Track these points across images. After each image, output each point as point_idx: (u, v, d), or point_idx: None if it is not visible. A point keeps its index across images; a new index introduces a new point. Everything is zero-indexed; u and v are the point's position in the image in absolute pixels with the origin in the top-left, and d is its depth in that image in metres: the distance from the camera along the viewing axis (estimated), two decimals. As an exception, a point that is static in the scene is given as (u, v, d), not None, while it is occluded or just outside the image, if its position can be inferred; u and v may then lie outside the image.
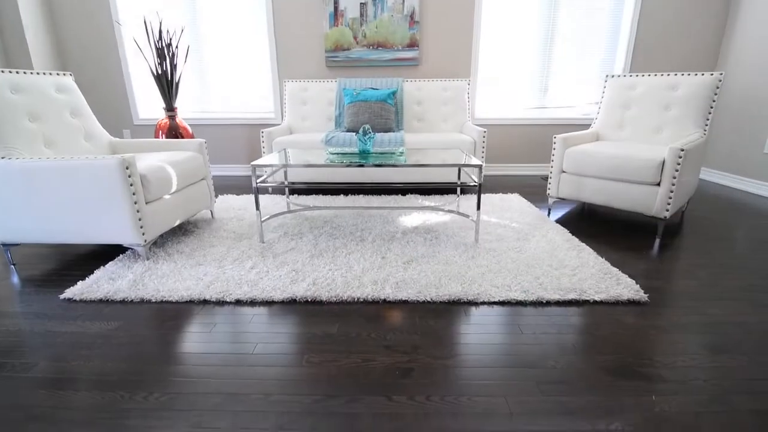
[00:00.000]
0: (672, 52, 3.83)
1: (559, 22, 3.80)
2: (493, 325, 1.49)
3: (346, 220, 2.59)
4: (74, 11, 3.78)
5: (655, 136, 2.78)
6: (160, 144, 2.53)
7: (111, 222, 1.90)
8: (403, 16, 3.68)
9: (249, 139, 4.13)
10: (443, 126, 3.67)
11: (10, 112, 1.97)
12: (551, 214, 2.82)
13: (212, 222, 2.60)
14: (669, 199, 2.27)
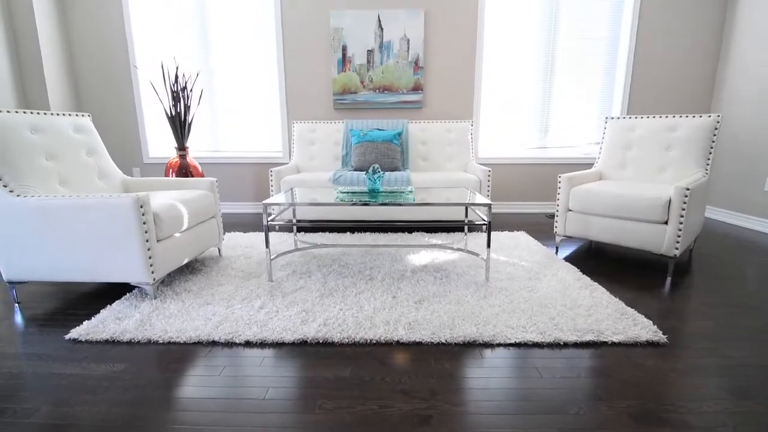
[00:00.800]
0: (667, 94, 3.97)
1: (557, 67, 3.98)
2: (511, 368, 1.45)
3: (354, 258, 2.58)
4: (93, 54, 3.96)
5: (658, 175, 2.83)
6: (171, 183, 2.57)
7: (121, 260, 1.90)
8: (408, 62, 3.85)
9: (256, 177, 4.20)
10: (448, 165, 3.74)
11: (28, 151, 2.02)
12: (559, 252, 2.82)
13: (220, 260, 2.59)
14: (678, 237, 2.28)
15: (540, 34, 3.92)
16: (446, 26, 3.85)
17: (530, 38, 3.93)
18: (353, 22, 3.77)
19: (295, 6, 3.83)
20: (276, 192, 3.29)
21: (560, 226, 2.77)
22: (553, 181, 4.18)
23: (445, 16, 3.84)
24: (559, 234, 2.78)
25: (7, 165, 1.91)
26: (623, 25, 3.89)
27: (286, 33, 3.88)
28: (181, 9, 3.90)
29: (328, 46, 3.87)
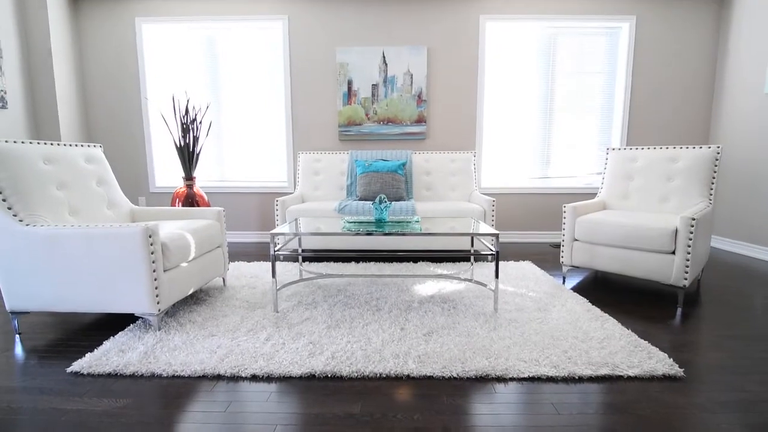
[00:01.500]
0: (665, 124, 4.06)
1: (556, 99, 4.09)
2: (526, 404, 1.40)
3: (360, 289, 2.56)
4: (105, 86, 4.08)
5: (662, 205, 2.84)
6: (179, 212, 2.58)
7: (127, 290, 1.88)
8: (412, 95, 3.96)
9: (261, 207, 4.22)
10: (451, 195, 3.78)
11: (40, 181, 2.04)
12: (566, 282, 2.79)
13: (224, 290, 2.56)
14: (686, 267, 2.27)
15: (539, 69, 4.05)
16: (448, 62, 3.99)
17: (529, 72, 4.06)
18: (359, 58, 3.91)
19: (304, 42, 3.98)
20: (281, 221, 3.30)
21: (567, 256, 2.76)
22: (556, 211, 4.20)
23: (447, 52, 3.98)
24: (566, 264, 2.77)
25: (18, 194, 1.93)
26: (619, 59, 4.04)
27: (294, 67, 4.01)
28: (192, 44, 4.05)
29: (335, 80, 4.00)
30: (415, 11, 3.93)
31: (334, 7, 3.93)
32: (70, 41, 3.94)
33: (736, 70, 3.76)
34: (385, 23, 3.94)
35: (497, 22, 3.95)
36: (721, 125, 3.93)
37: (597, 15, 3.91)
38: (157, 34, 4.05)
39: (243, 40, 4.04)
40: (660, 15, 3.93)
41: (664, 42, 3.96)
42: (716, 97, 3.99)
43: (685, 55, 3.98)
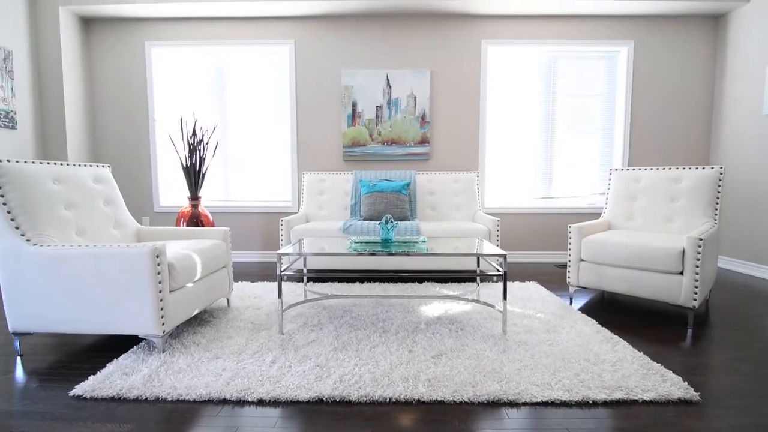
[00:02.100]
0: (666, 145, 4.11)
1: (557, 121, 4.15)
2: (541, 430, 1.37)
3: (366, 310, 2.53)
4: (114, 107, 4.14)
5: (667, 225, 2.84)
6: (185, 232, 2.58)
7: (132, 311, 1.86)
8: (415, 117, 4.03)
9: (264, 226, 4.22)
10: (455, 215, 3.78)
11: (49, 201, 2.05)
12: (573, 303, 2.77)
13: (228, 311, 2.54)
14: (695, 288, 2.25)
15: (539, 91, 4.13)
16: (451, 84, 4.07)
17: (530, 94, 4.14)
18: (363, 81, 3.99)
19: (309, 65, 4.07)
20: (286, 241, 3.29)
21: (573, 277, 2.74)
22: (560, 231, 4.20)
23: (450, 75, 4.06)
24: (573, 284, 2.75)
25: (26, 214, 1.94)
26: (618, 82, 4.11)
27: (300, 89, 4.09)
28: (200, 67, 4.14)
29: (339, 102, 4.07)
30: (418, 36, 4.04)
31: (340, 31, 4.04)
32: (81, 63, 4.03)
33: (734, 91, 3.83)
34: (389, 47, 4.04)
35: (498, 47, 4.05)
36: (721, 146, 3.98)
37: (595, 40, 4.01)
38: (165, 57, 4.15)
39: (250, 63, 4.13)
40: (657, 40, 4.03)
41: (662, 66, 4.05)
42: (715, 118, 4.05)
43: (684, 78, 4.06)
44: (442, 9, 3.87)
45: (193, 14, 3.95)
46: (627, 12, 3.92)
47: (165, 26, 4.07)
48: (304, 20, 4.04)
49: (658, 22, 4.02)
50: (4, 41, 3.48)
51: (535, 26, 4.02)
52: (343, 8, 3.84)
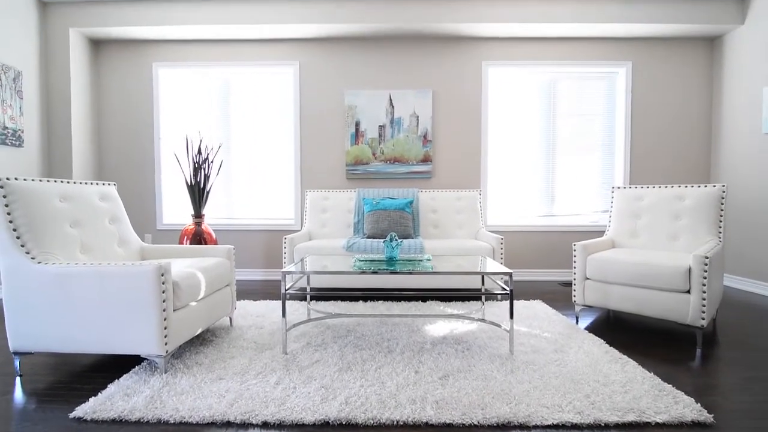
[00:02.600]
0: (667, 163, 4.14)
1: (558, 140, 4.19)
2: (553, 454, 1.33)
3: (370, 329, 2.50)
4: (120, 127, 4.19)
5: (671, 243, 2.84)
6: (189, 250, 2.58)
7: (135, 330, 1.84)
8: (418, 136, 4.07)
9: (266, 244, 4.21)
10: (458, 233, 3.78)
11: (55, 219, 2.05)
12: (579, 322, 2.74)
13: (231, 330, 2.51)
14: (703, 307, 2.23)
15: (540, 111, 4.19)
16: (453, 104, 4.13)
17: (531, 114, 4.20)
18: (366, 101, 4.05)
19: (313, 86, 4.14)
20: (289, 259, 3.28)
21: (579, 295, 2.72)
22: (563, 249, 4.19)
23: (452, 95, 4.13)
24: (579, 303, 2.73)
25: (32, 232, 1.94)
26: (617, 102, 4.18)
27: (304, 109, 4.15)
28: (206, 87, 4.21)
29: (343, 121, 4.12)
30: (420, 57, 4.12)
31: (344, 53, 4.12)
32: (89, 83, 4.10)
33: (732, 111, 3.89)
34: (392, 68, 4.12)
35: (499, 68, 4.13)
36: (721, 164, 4.01)
37: (594, 61, 4.09)
38: (172, 78, 4.22)
39: (255, 83, 4.21)
40: (655, 61, 4.11)
41: (660, 86, 4.12)
42: (715, 136, 4.09)
43: (682, 97, 4.12)
44: (444, 32, 3.96)
45: (199, 36, 4.05)
46: (624, 35, 4.01)
47: (172, 48, 4.16)
48: (308, 42, 4.13)
49: (654, 44, 4.11)
50: (15, 61, 3.55)
51: (534, 48, 4.11)
52: (347, 31, 3.93)
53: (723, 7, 3.75)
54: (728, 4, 3.75)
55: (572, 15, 3.77)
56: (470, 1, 3.78)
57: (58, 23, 3.84)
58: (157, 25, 3.82)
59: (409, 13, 3.78)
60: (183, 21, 3.81)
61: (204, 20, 3.81)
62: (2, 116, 3.40)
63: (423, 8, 3.78)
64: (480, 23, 3.79)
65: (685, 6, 3.75)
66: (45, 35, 3.85)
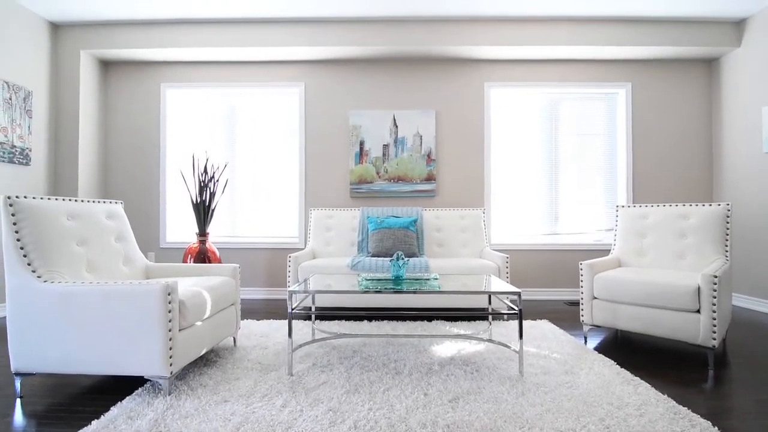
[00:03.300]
0: (669, 182, 4.16)
1: (560, 159, 4.23)
2: (571, 481, 1.29)
3: (376, 350, 2.46)
4: (126, 146, 4.23)
5: (678, 262, 2.83)
6: (193, 269, 2.56)
7: (140, 351, 1.81)
8: (421, 155, 4.11)
9: (270, 262, 4.19)
10: (462, 251, 3.77)
11: (62, 238, 2.05)
12: (588, 342, 2.70)
13: (235, 350, 2.47)
14: (714, 326, 2.20)
15: (542, 130, 4.24)
16: (456, 124, 4.19)
17: (533, 134, 4.25)
18: (370, 121, 4.11)
19: (318, 106, 4.20)
20: (294, 278, 3.26)
21: (587, 315, 2.69)
22: (568, 267, 4.17)
23: (455, 115, 4.19)
24: (587, 323, 2.69)
25: (39, 250, 1.93)
26: (618, 122, 4.23)
27: (309, 128, 4.20)
28: (213, 107, 4.28)
29: (347, 140, 4.16)
30: (423, 78, 4.20)
31: (349, 74, 4.20)
32: (97, 103, 4.16)
33: (732, 130, 3.93)
34: (396, 89, 4.19)
35: (500, 89, 4.20)
36: (724, 183, 4.03)
37: (594, 82, 4.17)
38: (179, 98, 4.29)
39: (261, 104, 4.27)
40: (654, 82, 4.19)
41: (660, 105, 4.18)
42: (716, 155, 4.13)
43: (682, 117, 4.18)
44: (447, 54, 4.05)
45: (207, 58, 4.13)
46: (624, 57, 4.10)
47: (180, 69, 4.24)
48: (314, 64, 4.21)
49: (653, 66, 4.19)
50: (26, 82, 3.61)
51: (536, 70, 4.19)
52: (352, 53, 4.02)
53: (719, 30, 3.84)
54: (724, 27, 3.85)
55: (572, 38, 3.86)
56: (472, 25, 3.88)
57: (70, 45, 3.93)
58: (166, 47, 3.90)
59: (413, 37, 3.88)
60: (191, 43, 3.90)
61: (211, 43, 3.90)
62: (11, 135, 3.44)
63: (426, 32, 3.88)
64: (482, 46, 3.87)
65: (683, 29, 3.85)
66: (56, 56, 3.93)
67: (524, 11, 3.74)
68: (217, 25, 3.91)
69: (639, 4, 3.60)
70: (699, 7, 3.61)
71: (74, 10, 3.67)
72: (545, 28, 3.87)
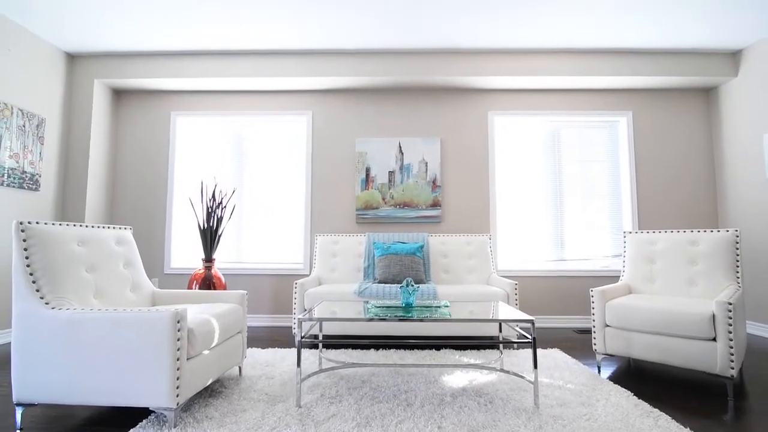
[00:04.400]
0: (674, 208, 4.17)
1: (565, 186, 4.26)
2: None
3: (386, 380, 2.40)
4: (135, 172, 4.28)
5: (689, 288, 2.80)
6: (200, 295, 2.53)
7: (146, 381, 1.76)
8: (427, 181, 4.14)
9: (274, 289, 4.15)
10: (469, 277, 3.74)
11: (72, 264, 2.04)
12: (602, 372, 2.63)
13: (240, 380, 2.41)
14: (731, 355, 2.15)
15: (546, 157, 4.29)
16: (460, 151, 4.24)
17: (537, 160, 4.30)
18: (376, 148, 4.17)
19: (325, 134, 4.28)
20: (299, 304, 3.22)
21: (599, 344, 2.64)
22: (576, 294, 4.12)
23: (459, 143, 4.25)
24: (600, 352, 2.64)
25: (48, 277, 1.92)
26: (620, 149, 4.29)
27: (315, 155, 4.26)
28: (221, 134, 4.35)
29: (353, 167, 4.21)
30: (428, 107, 4.29)
31: (355, 103, 4.30)
32: (108, 130, 4.23)
33: (733, 157, 3.98)
34: (402, 117, 4.28)
35: (504, 117, 4.28)
36: (728, 209, 4.04)
37: (596, 111, 4.26)
38: (189, 125, 4.37)
39: (269, 131, 4.35)
40: (654, 110, 4.27)
41: (660, 133, 4.25)
42: (719, 182, 4.16)
43: (683, 144, 4.24)
44: (451, 84, 4.15)
45: (216, 88, 4.24)
46: (624, 86, 4.20)
47: (190, 97, 4.34)
48: (321, 93, 4.32)
49: (653, 95, 4.29)
50: (40, 109, 3.69)
51: (538, 99, 4.29)
52: (359, 83, 4.13)
53: (716, 61, 3.96)
54: (721, 58, 3.96)
55: (573, 68, 3.97)
56: (476, 56, 3.99)
57: (84, 74, 4.04)
58: (176, 77, 4.01)
59: (418, 68, 3.99)
60: (200, 73, 4.01)
61: (220, 73, 4.01)
62: (23, 161, 3.49)
63: (431, 63, 3.99)
64: (485, 76, 3.98)
65: (681, 60, 3.96)
66: (70, 85, 4.04)
67: (525, 44, 3.86)
68: (226, 57, 4.03)
69: (637, 37, 3.72)
70: (696, 39, 3.73)
71: (90, 41, 3.80)
72: (547, 60, 3.99)
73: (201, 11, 3.34)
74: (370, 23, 3.52)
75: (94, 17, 3.41)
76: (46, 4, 3.21)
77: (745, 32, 3.60)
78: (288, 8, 3.30)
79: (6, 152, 3.35)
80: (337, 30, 3.63)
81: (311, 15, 3.39)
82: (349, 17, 3.43)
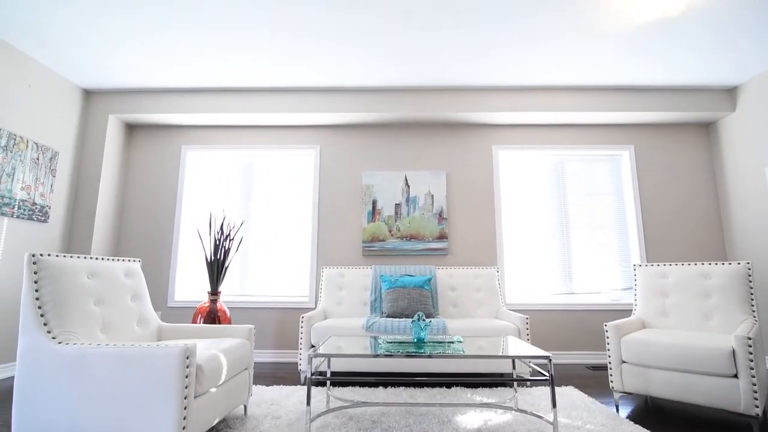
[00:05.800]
0: (681, 240, 4.16)
1: (570, 218, 4.27)
2: None
3: (396, 420, 2.31)
4: (143, 206, 4.31)
5: (705, 323, 2.74)
6: (206, 330, 2.49)
7: (152, 419, 1.69)
8: (433, 213, 4.16)
9: (279, 323, 4.08)
10: (478, 311, 3.67)
11: (81, 297, 2.01)
12: (620, 411, 2.53)
13: (246, 420, 2.31)
14: (755, 393, 2.08)
15: (550, 190, 4.33)
16: (466, 184, 4.29)
17: (542, 193, 4.33)
18: (383, 180, 4.22)
19: (332, 167, 4.34)
20: (306, 339, 3.15)
21: (617, 381, 2.56)
22: (586, 329, 4.03)
23: (465, 176, 4.31)
24: (617, 390, 2.55)
25: (56, 310, 1.89)
26: (624, 182, 4.34)
27: (322, 188, 4.30)
28: (230, 167, 4.42)
29: (360, 199, 4.25)
30: (434, 141, 4.38)
31: (362, 137, 4.39)
32: (119, 163, 4.30)
33: (736, 190, 4.01)
34: (408, 151, 4.36)
35: (508, 151, 4.36)
36: (736, 241, 4.02)
37: (598, 145, 4.34)
38: (198, 159, 4.45)
39: (276, 165, 4.42)
40: (655, 144, 4.36)
41: (662, 166, 4.31)
42: (724, 214, 4.17)
43: (685, 177, 4.29)
44: (457, 119, 4.26)
45: (226, 123, 4.35)
46: (625, 121, 4.31)
47: (200, 132, 4.44)
48: (329, 128, 4.42)
49: (654, 130, 4.38)
50: (54, 142, 3.77)
51: (541, 133, 4.38)
52: (366, 119, 4.24)
53: (714, 97, 4.08)
54: (718, 94, 4.08)
55: (576, 104, 4.08)
56: (481, 93, 4.12)
57: (99, 109, 4.16)
58: (188, 112, 4.13)
59: (424, 104, 4.11)
60: (211, 109, 4.13)
61: (230, 109, 4.12)
62: (34, 193, 3.52)
63: (437, 100, 4.12)
64: (490, 112, 4.09)
65: (680, 96, 4.08)
66: (86, 119, 4.15)
67: (530, 81, 3.99)
68: (236, 93, 4.16)
69: (637, 75, 3.85)
70: (694, 76, 3.86)
71: (105, 78, 3.94)
72: (550, 96, 4.11)
73: (211, 50, 3.48)
74: (378, 62, 3.66)
75: (110, 54, 3.55)
76: (64, 42, 3.35)
77: (741, 69, 3.73)
78: (297, 47, 3.44)
79: (18, 184, 3.39)
80: (345, 68, 3.77)
81: (321, 54, 3.53)
82: (358, 56, 3.57)
